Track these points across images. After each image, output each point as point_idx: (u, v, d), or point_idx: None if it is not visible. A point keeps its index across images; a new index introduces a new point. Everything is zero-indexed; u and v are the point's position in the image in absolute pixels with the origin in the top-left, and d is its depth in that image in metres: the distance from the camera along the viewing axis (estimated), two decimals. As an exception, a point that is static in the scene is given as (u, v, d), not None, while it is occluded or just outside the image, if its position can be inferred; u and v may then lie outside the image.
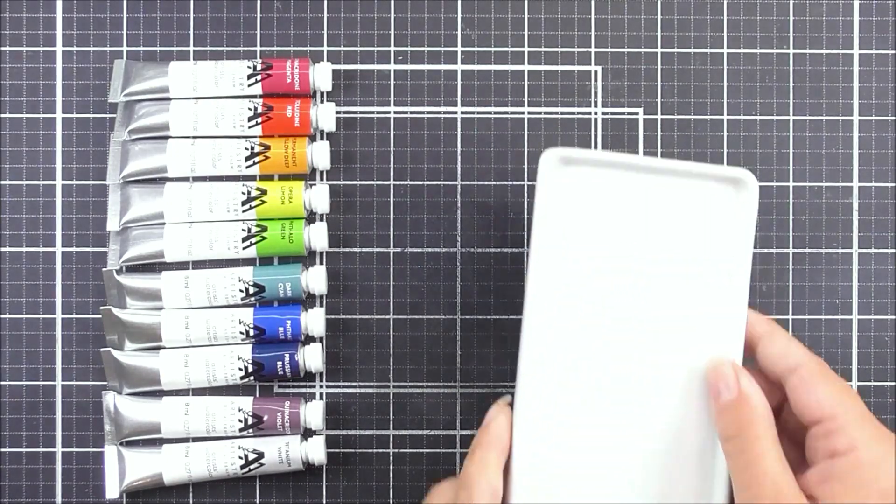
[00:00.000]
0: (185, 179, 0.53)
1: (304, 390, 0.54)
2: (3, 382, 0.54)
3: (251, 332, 0.52)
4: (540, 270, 0.47)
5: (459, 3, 0.54)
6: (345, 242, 0.54)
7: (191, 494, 0.54)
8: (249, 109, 0.52)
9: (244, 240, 0.52)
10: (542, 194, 0.47)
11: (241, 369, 0.52)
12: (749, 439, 0.43)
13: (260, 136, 0.53)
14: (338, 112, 0.54)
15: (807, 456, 0.44)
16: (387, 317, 0.54)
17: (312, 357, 0.52)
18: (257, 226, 0.52)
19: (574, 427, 0.47)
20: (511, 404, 0.47)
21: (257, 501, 0.54)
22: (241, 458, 0.52)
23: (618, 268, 0.47)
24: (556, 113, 0.54)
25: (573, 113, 0.54)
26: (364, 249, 0.54)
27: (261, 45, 0.54)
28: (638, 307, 0.47)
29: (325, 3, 0.54)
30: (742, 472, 0.43)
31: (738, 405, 0.44)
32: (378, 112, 0.54)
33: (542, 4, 0.54)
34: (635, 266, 0.47)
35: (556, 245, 0.47)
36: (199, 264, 0.53)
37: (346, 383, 0.54)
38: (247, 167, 0.53)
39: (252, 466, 0.52)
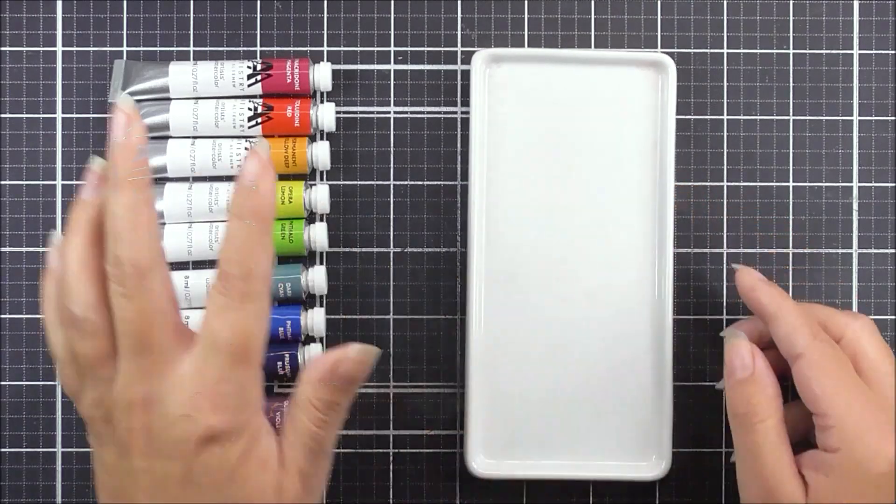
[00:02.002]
0: (185, 179, 0.53)
1: (304, 390, 0.54)
2: (3, 382, 0.54)
3: (251, 332, 0.52)
4: (479, 171, 0.52)
5: (459, 3, 0.54)
6: (345, 242, 0.54)
7: (191, 494, 0.54)
8: (249, 109, 0.52)
9: (244, 240, 0.52)
10: (476, 94, 0.52)
11: (241, 369, 0.52)
12: (754, 420, 0.46)
13: (260, 137, 0.53)
14: (338, 112, 0.54)
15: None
16: (387, 317, 0.54)
17: (313, 357, 0.52)
18: (257, 226, 0.52)
19: (521, 320, 0.52)
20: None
21: (257, 501, 0.53)
22: (240, 458, 0.52)
23: (552, 157, 0.52)
24: (556, 113, 0.54)
25: (573, 113, 0.54)
26: (364, 249, 0.54)
27: (261, 45, 0.54)
28: (573, 192, 0.52)
29: (325, 3, 0.54)
30: (745, 449, 0.46)
31: (748, 384, 0.47)
32: (378, 112, 0.54)
33: (542, 4, 0.54)
34: (569, 154, 0.52)
35: (492, 142, 0.52)
36: (199, 264, 0.53)
37: (346, 383, 0.54)
38: (247, 167, 0.52)
39: (252, 466, 0.52)
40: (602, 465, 0.52)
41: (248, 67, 0.53)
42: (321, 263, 0.54)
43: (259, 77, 0.52)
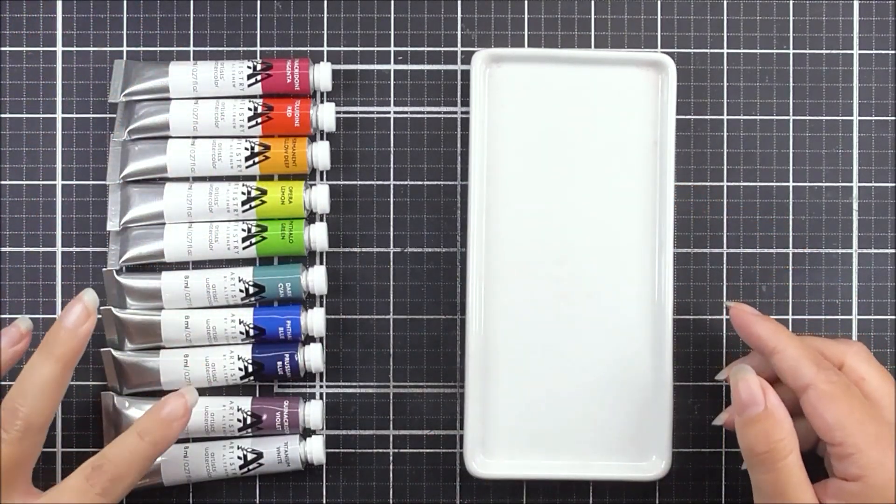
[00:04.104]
0: (185, 179, 0.53)
1: (304, 390, 0.54)
2: (3, 382, 0.54)
3: (251, 332, 0.52)
4: (479, 171, 0.52)
5: (459, 3, 0.54)
6: (345, 242, 0.54)
7: (191, 494, 0.53)
8: (249, 109, 0.52)
9: (244, 240, 0.52)
10: (476, 94, 0.52)
11: (241, 369, 0.52)
12: (776, 458, 0.45)
13: (260, 136, 0.53)
14: (338, 112, 0.54)
15: (825, 461, 0.47)
16: (387, 317, 0.54)
17: (312, 357, 0.52)
18: (257, 226, 0.52)
19: (520, 320, 0.52)
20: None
21: (257, 501, 0.54)
22: (239, 458, 0.52)
23: (552, 157, 0.52)
24: (556, 113, 0.54)
25: (573, 113, 0.54)
26: (364, 249, 0.54)
27: (261, 45, 0.54)
28: (573, 192, 0.52)
29: (325, 3, 0.54)
30: (767, 487, 0.45)
31: (763, 420, 0.46)
32: (378, 112, 0.54)
33: (542, 5, 0.54)
34: (569, 154, 0.52)
35: (492, 142, 0.52)
36: (199, 264, 0.53)
37: (346, 383, 0.54)
38: (247, 167, 0.53)
39: (251, 466, 0.52)
40: (602, 465, 0.52)
41: (248, 67, 0.53)
42: (321, 263, 0.54)
43: (259, 77, 0.52)
